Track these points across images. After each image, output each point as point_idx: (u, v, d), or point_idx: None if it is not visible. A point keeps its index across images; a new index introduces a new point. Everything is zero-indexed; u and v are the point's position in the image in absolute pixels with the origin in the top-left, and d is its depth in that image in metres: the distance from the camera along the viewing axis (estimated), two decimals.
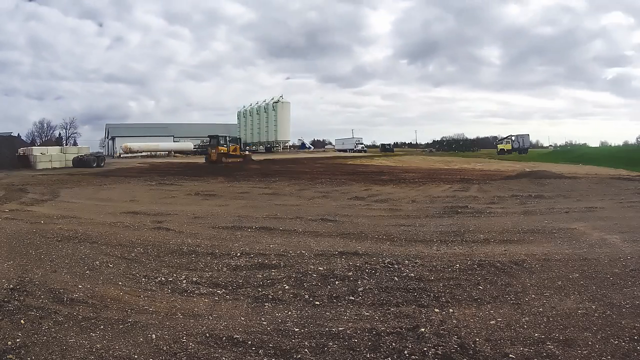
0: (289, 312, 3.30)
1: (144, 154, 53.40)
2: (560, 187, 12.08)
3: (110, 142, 72.95)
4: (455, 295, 3.59)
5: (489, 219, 7.19)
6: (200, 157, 45.74)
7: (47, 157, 28.20)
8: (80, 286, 3.84)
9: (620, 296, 3.48)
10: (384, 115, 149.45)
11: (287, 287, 3.83)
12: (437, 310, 3.29)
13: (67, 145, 63.64)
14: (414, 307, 3.36)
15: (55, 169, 26.47)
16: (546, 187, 12.10)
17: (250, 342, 2.79)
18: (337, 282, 3.95)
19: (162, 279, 4.12)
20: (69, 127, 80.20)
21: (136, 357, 2.63)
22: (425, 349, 2.67)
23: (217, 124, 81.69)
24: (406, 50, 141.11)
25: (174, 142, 63.14)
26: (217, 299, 3.62)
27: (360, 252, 4.91)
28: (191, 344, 2.77)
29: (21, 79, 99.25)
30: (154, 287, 3.89)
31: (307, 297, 3.61)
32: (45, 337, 2.86)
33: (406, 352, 2.64)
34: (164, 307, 3.42)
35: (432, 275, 4.10)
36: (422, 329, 2.94)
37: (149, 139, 59.27)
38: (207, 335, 2.90)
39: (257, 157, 45.88)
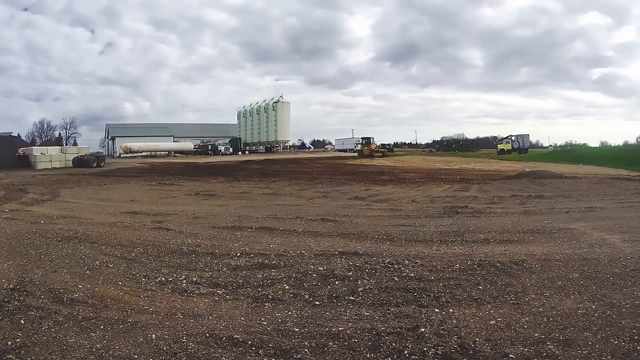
0: (289, 312, 3.30)
1: (144, 154, 53.46)
2: (560, 187, 12.08)
3: (110, 142, 73.04)
4: (455, 295, 3.59)
5: (489, 219, 7.19)
6: (200, 157, 46.47)
7: (47, 157, 28.25)
8: (80, 286, 3.84)
9: (620, 296, 3.48)
10: (378, 115, 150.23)
11: (287, 287, 3.83)
12: (437, 310, 3.29)
13: (67, 145, 63.64)
14: (414, 307, 3.36)
15: (55, 169, 26.49)
16: (546, 187, 12.10)
17: (250, 342, 2.79)
18: (337, 282, 3.95)
19: (162, 279, 4.12)
20: (69, 127, 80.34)
21: (136, 357, 2.63)
22: (425, 349, 2.67)
23: (218, 124, 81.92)
24: (388, 52, 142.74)
25: (174, 142, 63.20)
26: (217, 299, 3.62)
27: (360, 252, 4.91)
28: (191, 344, 2.77)
29: (19, 82, 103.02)
30: (154, 287, 3.89)
31: (307, 297, 3.61)
32: (45, 337, 2.86)
33: (406, 352, 2.64)
34: (164, 307, 3.42)
35: (432, 275, 4.10)
36: (422, 329, 2.94)
37: (149, 139, 59.35)
38: (207, 335, 2.90)
39: (257, 157, 46.04)
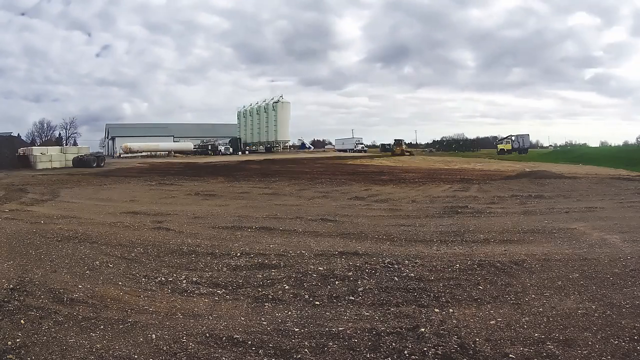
0: (289, 312, 3.30)
1: (144, 154, 53.44)
2: (560, 187, 12.08)
3: (110, 142, 72.99)
4: (455, 295, 3.59)
5: (489, 219, 7.18)
6: (200, 157, 46.40)
7: (47, 157, 28.24)
8: (80, 286, 3.84)
9: (620, 296, 3.48)
10: (376, 115, 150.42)
11: (287, 287, 3.83)
12: (437, 310, 3.29)
13: (67, 145, 63.64)
14: (414, 307, 3.36)
15: (55, 169, 26.49)
16: (546, 187, 12.10)
17: (250, 342, 2.79)
18: (337, 282, 3.95)
19: (162, 279, 4.12)
20: (68, 127, 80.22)
21: (136, 357, 2.63)
22: (425, 349, 2.67)
23: (218, 124, 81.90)
24: (379, 54, 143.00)
25: (174, 142, 63.17)
26: (217, 299, 3.62)
27: (360, 252, 4.91)
28: (191, 344, 2.77)
29: (18, 83, 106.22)
30: (154, 287, 3.89)
31: (307, 297, 3.60)
32: (45, 337, 2.86)
33: (406, 352, 2.64)
34: (164, 307, 3.42)
35: (432, 275, 4.10)
36: (422, 329, 2.94)
37: (149, 139, 59.32)
38: (207, 335, 2.90)
39: (257, 157, 45.93)
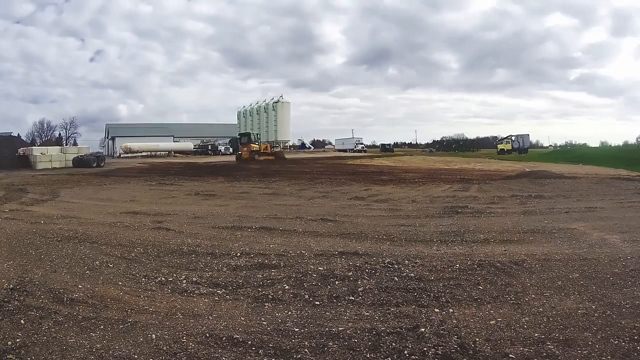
0: (289, 312, 3.30)
1: (144, 154, 53.43)
2: (560, 187, 12.08)
3: (110, 142, 72.96)
4: (455, 295, 3.59)
5: (489, 219, 7.19)
6: (200, 157, 45.39)
7: (47, 157, 28.23)
8: (80, 286, 3.84)
9: (620, 296, 3.48)
10: (370, 115, 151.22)
11: (287, 287, 3.83)
12: (437, 310, 3.29)
13: (67, 145, 63.64)
14: (414, 307, 3.36)
15: (55, 169, 26.48)
16: (546, 187, 12.10)
17: (250, 342, 2.79)
18: (337, 282, 3.95)
19: (162, 279, 4.12)
20: (68, 127, 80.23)
21: (136, 357, 2.63)
22: (425, 349, 2.67)
23: (218, 124, 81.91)
24: (361, 57, 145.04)
25: (174, 142, 63.15)
26: (217, 299, 3.62)
27: (360, 252, 4.91)
28: (191, 344, 2.77)
29: (16, 86, 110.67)
30: (154, 287, 3.89)
31: (307, 297, 3.60)
32: (45, 337, 2.86)
33: (406, 352, 2.64)
34: (164, 307, 3.42)
35: (432, 275, 4.10)
36: (422, 329, 2.94)
37: (149, 139, 59.32)
38: (207, 335, 2.90)
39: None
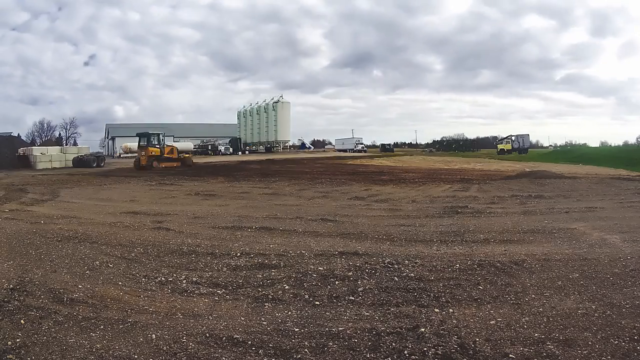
0: (289, 312, 3.30)
1: None
2: (560, 187, 12.08)
3: (110, 142, 72.96)
4: (455, 295, 3.59)
5: (489, 219, 7.19)
6: (200, 157, 44.82)
7: (47, 157, 28.23)
8: (80, 286, 3.84)
9: (620, 296, 3.48)
10: (364, 116, 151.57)
11: (287, 287, 3.83)
12: (437, 310, 3.29)
13: (67, 145, 63.61)
14: (414, 307, 3.36)
15: (55, 169, 26.48)
16: (546, 187, 12.10)
17: (250, 342, 2.79)
18: (337, 282, 3.95)
19: (162, 279, 4.12)
20: (68, 127, 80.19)
21: (136, 357, 2.63)
22: (425, 349, 2.67)
23: (218, 124, 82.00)
24: (345, 60, 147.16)
25: (174, 142, 63.07)
26: (217, 299, 3.62)
27: (360, 252, 4.91)
28: (191, 344, 2.77)
29: (15, 88, 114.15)
30: (154, 287, 3.89)
31: (307, 297, 3.60)
32: (45, 337, 2.86)
33: (406, 352, 2.64)
34: (164, 307, 3.42)
35: (432, 275, 4.10)
36: (422, 329, 2.94)
37: None
38: (207, 335, 2.90)
39: (257, 157, 45.51)
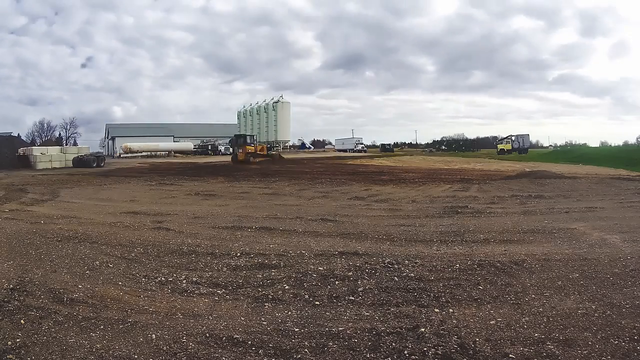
0: (289, 312, 3.30)
1: (144, 154, 53.41)
2: (560, 187, 12.08)
3: (110, 142, 72.98)
4: (455, 295, 3.59)
5: (489, 219, 7.19)
6: (200, 157, 45.35)
7: (47, 157, 28.23)
8: (80, 286, 3.84)
9: (620, 296, 3.48)
10: (361, 116, 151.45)
11: (287, 287, 3.83)
12: (437, 310, 3.29)
13: (67, 145, 63.63)
14: (414, 307, 3.36)
15: (55, 169, 26.48)
16: (546, 187, 12.10)
17: (250, 342, 2.79)
18: (337, 282, 3.95)
19: (162, 279, 4.12)
20: (68, 127, 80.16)
21: (136, 357, 2.63)
22: (425, 349, 2.67)
23: (218, 124, 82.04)
24: (336, 61, 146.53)
25: (174, 142, 63.16)
26: (217, 299, 3.62)
27: (360, 252, 4.91)
28: (191, 344, 2.77)
29: (14, 89, 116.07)
30: (154, 287, 3.89)
31: (307, 297, 3.61)
32: (45, 337, 2.86)
33: (406, 352, 2.64)
34: (164, 307, 3.42)
35: (432, 275, 4.10)
36: (422, 329, 2.94)
37: (149, 139, 59.33)
38: (207, 335, 2.90)
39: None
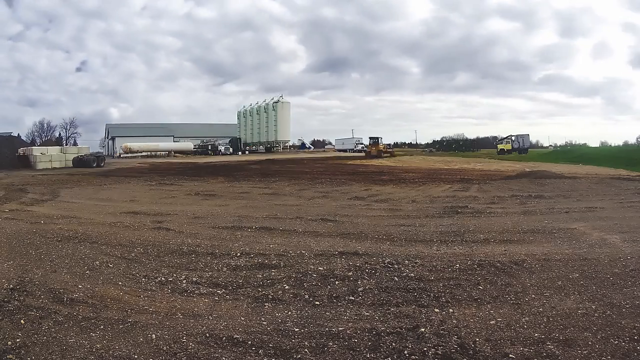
0: (289, 312, 3.30)
1: (144, 154, 53.46)
2: (560, 187, 12.08)
3: (110, 142, 73.02)
4: (455, 295, 3.59)
5: (489, 219, 7.19)
6: (200, 157, 46.04)
7: (47, 157, 28.26)
8: (80, 286, 3.84)
9: (620, 296, 3.48)
10: (356, 116, 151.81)
11: (287, 287, 3.83)
12: (437, 310, 3.29)
13: (67, 145, 63.64)
14: (414, 307, 3.36)
15: (55, 169, 26.49)
16: (546, 187, 12.10)
17: (250, 342, 2.79)
18: (337, 282, 3.95)
19: (162, 279, 4.12)
20: (68, 127, 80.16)
21: (136, 357, 2.63)
22: (425, 349, 2.67)
23: (218, 124, 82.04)
24: (321, 65, 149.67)
25: (174, 142, 63.19)
26: (217, 299, 3.62)
27: (360, 252, 4.91)
28: (191, 344, 2.77)
29: (12, 91, 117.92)
30: (154, 287, 3.89)
31: (307, 297, 3.60)
32: (45, 337, 2.86)
33: (406, 352, 2.64)
34: (164, 307, 3.42)
35: (432, 275, 4.10)
36: (422, 329, 2.94)
37: (149, 139, 59.39)
38: (207, 335, 2.90)
39: (256, 157, 45.89)
